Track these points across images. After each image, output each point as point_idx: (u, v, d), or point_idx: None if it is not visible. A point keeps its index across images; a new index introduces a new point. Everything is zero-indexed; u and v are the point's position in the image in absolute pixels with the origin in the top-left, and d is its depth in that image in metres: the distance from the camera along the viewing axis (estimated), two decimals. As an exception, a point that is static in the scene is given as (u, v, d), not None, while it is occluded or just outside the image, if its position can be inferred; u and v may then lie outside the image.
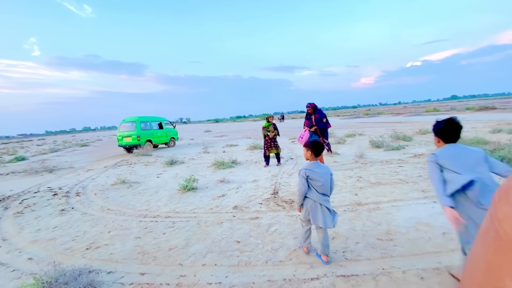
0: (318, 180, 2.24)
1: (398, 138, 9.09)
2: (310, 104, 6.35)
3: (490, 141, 6.46)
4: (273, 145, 6.72)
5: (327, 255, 2.31)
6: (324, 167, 2.36)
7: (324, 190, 2.26)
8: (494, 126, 10.43)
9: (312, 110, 6.31)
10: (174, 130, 15.63)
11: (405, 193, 3.90)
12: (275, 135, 6.72)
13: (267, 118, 6.85)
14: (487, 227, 0.48)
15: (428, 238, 2.57)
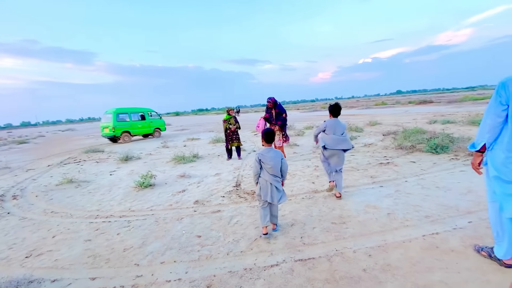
0: (268, 163, 2.55)
1: (351, 129, 9.77)
2: (271, 99, 6.36)
3: (427, 130, 7.31)
4: (234, 138, 6.69)
5: (274, 224, 2.76)
6: (276, 152, 2.64)
7: (274, 172, 2.57)
8: (431, 117, 11.84)
9: (273, 105, 6.36)
10: (161, 121, 15.69)
11: (356, 180, 4.23)
12: (236, 128, 6.69)
13: (228, 110, 6.78)
14: None
15: (375, 219, 2.83)
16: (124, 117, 13.59)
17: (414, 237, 2.39)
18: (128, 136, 13.65)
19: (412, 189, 3.60)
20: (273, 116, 6.20)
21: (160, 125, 15.66)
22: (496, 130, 1.78)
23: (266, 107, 6.36)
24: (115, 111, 13.19)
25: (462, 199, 3.13)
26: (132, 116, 14.01)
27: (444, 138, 5.76)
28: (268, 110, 6.28)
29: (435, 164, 4.74)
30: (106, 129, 13.12)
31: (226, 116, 6.76)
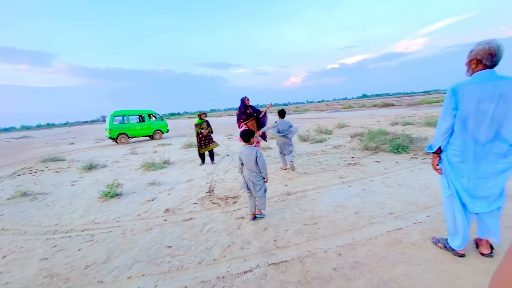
0: (243, 159, 3.04)
1: (321, 132, 10.13)
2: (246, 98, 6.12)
3: (390, 132, 7.82)
4: (207, 142, 6.59)
5: (260, 210, 3.16)
6: (251, 149, 3.01)
7: (250, 168, 3.00)
8: (393, 119, 12.69)
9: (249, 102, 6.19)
10: (162, 123, 15.58)
11: (327, 180, 4.37)
12: (208, 132, 6.58)
13: (200, 114, 6.65)
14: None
15: (344, 218, 2.94)
16: (121, 119, 13.97)
17: (380, 234, 2.53)
18: (125, 138, 13.85)
19: (377, 188, 3.81)
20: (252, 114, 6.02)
21: (162, 127, 15.49)
22: (448, 133, 1.95)
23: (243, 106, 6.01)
24: (112, 114, 13.66)
25: (421, 195, 3.38)
26: (130, 118, 14.32)
27: (404, 138, 6.20)
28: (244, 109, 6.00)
29: (397, 163, 5.08)
30: (107, 131, 13.68)
31: (197, 120, 6.62)
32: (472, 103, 1.79)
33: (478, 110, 1.78)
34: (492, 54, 1.73)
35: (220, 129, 18.09)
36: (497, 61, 1.74)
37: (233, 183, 4.71)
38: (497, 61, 1.74)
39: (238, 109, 6.11)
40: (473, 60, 1.82)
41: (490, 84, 1.74)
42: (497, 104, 1.72)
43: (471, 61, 1.84)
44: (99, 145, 14.34)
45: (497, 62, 1.74)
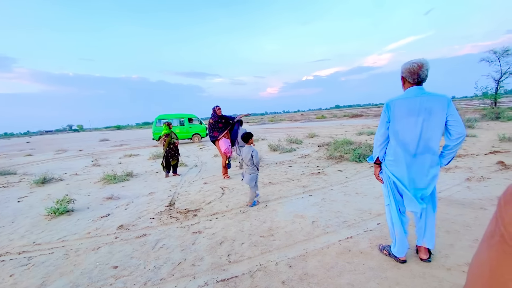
0: (242, 156, 3.90)
1: (292, 141, 10.33)
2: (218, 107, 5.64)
3: (355, 141, 8.19)
4: (177, 153, 6.42)
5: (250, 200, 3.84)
6: (249, 148, 3.80)
7: (246, 162, 3.79)
8: (360, 129, 13.35)
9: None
10: (201, 127, 16.17)
11: (290, 190, 4.41)
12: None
13: (168, 124, 6.44)
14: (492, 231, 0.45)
15: (301, 228, 2.96)
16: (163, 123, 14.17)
17: (332, 243, 2.57)
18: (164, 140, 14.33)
19: (336, 196, 3.91)
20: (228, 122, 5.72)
21: (200, 131, 16.08)
22: (384, 144, 2.07)
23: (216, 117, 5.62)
24: (156, 118, 14.99)
25: (375, 203, 3.52)
26: (172, 122, 15.30)
27: (366, 148, 6.51)
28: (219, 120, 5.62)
29: (358, 171, 5.29)
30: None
31: (166, 130, 6.40)
32: (402, 116, 1.92)
33: (407, 124, 1.91)
34: (413, 73, 1.88)
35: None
36: (421, 78, 1.89)
37: (197, 196, 4.58)
38: (421, 78, 1.89)
39: (209, 121, 5.73)
40: (402, 78, 1.98)
41: (418, 99, 1.88)
42: (424, 118, 1.86)
43: (401, 78, 2.00)
44: (60, 156, 13.34)
45: (421, 79, 1.89)
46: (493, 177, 4.25)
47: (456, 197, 3.52)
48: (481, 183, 4.00)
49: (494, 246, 0.43)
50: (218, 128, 5.63)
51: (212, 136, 5.70)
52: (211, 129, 5.68)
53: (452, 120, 1.85)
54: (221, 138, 5.59)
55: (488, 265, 0.44)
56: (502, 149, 6.10)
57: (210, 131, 5.71)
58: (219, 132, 5.62)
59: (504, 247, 0.41)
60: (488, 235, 0.45)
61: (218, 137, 5.61)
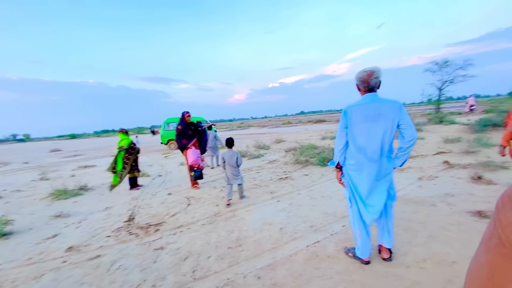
0: (226, 159, 4.13)
1: (260, 147, 10.38)
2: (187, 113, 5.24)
3: (319, 146, 8.49)
4: (137, 165, 5.95)
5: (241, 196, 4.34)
6: (233, 152, 4.14)
7: (231, 164, 4.11)
8: (323, 134, 13.93)
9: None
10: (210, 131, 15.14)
11: (258, 197, 4.37)
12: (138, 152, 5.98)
13: (126, 131, 5.93)
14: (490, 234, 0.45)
15: (269, 236, 2.91)
16: (172, 126, 14.39)
17: (300, 249, 2.56)
18: (174, 144, 14.23)
19: (303, 201, 3.96)
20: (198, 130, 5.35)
21: None
22: (344, 149, 2.14)
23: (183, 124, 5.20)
24: (165, 121, 14.62)
25: (339, 205, 3.63)
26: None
27: (329, 152, 6.77)
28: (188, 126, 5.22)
29: (323, 175, 5.45)
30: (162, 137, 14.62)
31: (128, 139, 5.80)
32: (358, 122, 2.00)
33: (363, 129, 1.99)
34: (363, 81, 2.00)
35: (156, 147, 16.96)
36: (371, 86, 1.99)
37: (160, 208, 4.30)
38: (371, 86, 1.99)
39: (177, 128, 5.26)
40: (357, 86, 2.09)
41: (372, 105, 1.98)
42: (378, 123, 1.96)
43: (356, 86, 2.10)
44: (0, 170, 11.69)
45: (371, 86, 2.00)
46: (441, 175, 4.68)
47: (411, 196, 3.79)
48: (431, 182, 4.38)
49: (492, 248, 0.43)
50: (188, 136, 5.22)
51: (181, 144, 5.25)
52: (180, 137, 5.23)
53: (404, 124, 1.96)
54: (191, 148, 5.16)
55: (486, 267, 0.44)
56: (446, 149, 6.80)
57: (179, 139, 5.25)
58: (188, 140, 5.20)
59: (502, 249, 0.41)
60: (486, 238, 0.46)
61: (188, 145, 5.20)
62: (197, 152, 5.16)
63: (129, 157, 5.73)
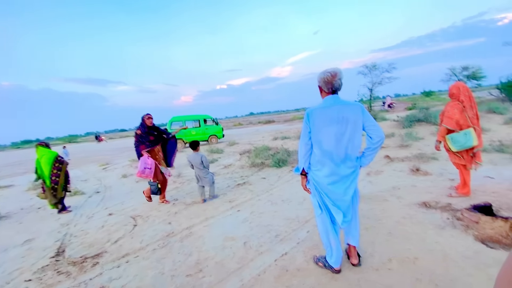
0: (192, 162, 4.32)
1: (213, 151, 9.96)
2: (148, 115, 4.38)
3: (272, 147, 8.53)
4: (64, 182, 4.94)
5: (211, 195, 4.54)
6: (197, 155, 4.35)
7: (198, 166, 4.32)
8: (274, 135, 14.18)
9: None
10: (217, 127, 15.64)
11: (216, 208, 4.04)
12: None
13: (44, 144, 4.86)
14: None
15: (233, 254, 2.64)
16: (178, 125, 14.28)
17: (268, 265, 2.35)
18: (182, 143, 13.87)
19: (264, 208, 3.79)
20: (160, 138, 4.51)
21: (217, 132, 15.57)
22: (309, 154, 2.01)
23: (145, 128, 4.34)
24: (170, 120, 14.24)
25: (300, 209, 3.57)
26: (187, 123, 14.65)
27: (283, 152, 6.81)
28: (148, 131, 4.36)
29: (280, 177, 5.41)
30: None
31: (53, 153, 4.79)
32: (322, 125, 1.91)
33: (329, 132, 1.90)
34: (327, 82, 1.92)
35: (92, 157, 14.99)
36: (335, 87, 1.92)
37: (99, 234, 3.61)
38: (335, 87, 1.92)
39: (135, 133, 4.42)
40: (319, 88, 2.00)
41: (335, 108, 1.90)
42: (343, 126, 1.88)
43: (319, 88, 2.00)
44: None
45: (335, 88, 1.93)
46: (385, 169, 5.08)
47: (364, 192, 3.96)
48: (378, 176, 4.69)
49: None
50: (149, 142, 4.33)
51: (138, 152, 4.37)
52: (138, 142, 4.36)
53: (370, 125, 1.93)
54: (144, 155, 4.26)
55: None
56: (385, 145, 7.50)
57: (137, 145, 4.38)
58: (148, 146, 4.31)
59: None
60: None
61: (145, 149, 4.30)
62: (146, 162, 4.21)
63: (59, 173, 4.77)
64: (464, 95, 3.25)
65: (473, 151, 3.23)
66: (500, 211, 2.74)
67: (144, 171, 4.17)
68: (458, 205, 3.03)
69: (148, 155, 4.28)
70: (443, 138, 3.35)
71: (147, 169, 4.21)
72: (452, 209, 2.96)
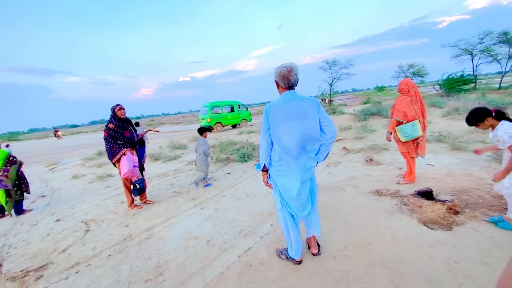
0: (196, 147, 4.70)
1: (175, 147, 9.57)
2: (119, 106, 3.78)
3: (238, 141, 8.47)
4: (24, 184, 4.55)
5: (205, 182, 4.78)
6: (202, 140, 4.68)
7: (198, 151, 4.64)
8: (240, 129, 14.13)
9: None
10: (247, 112, 17.80)
11: (178, 206, 3.89)
12: None
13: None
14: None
15: (195, 253, 2.56)
16: (217, 109, 15.83)
17: (232, 262, 2.33)
18: (221, 126, 15.71)
19: (228, 203, 3.75)
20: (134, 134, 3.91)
21: (247, 116, 17.63)
22: (269, 151, 2.01)
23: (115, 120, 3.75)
24: (210, 104, 15.55)
25: (264, 203, 3.61)
26: (224, 108, 16.25)
27: (248, 147, 6.82)
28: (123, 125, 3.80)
29: (245, 172, 5.40)
30: (204, 120, 15.44)
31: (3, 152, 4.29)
32: (281, 121, 1.91)
33: (287, 128, 1.91)
34: (284, 77, 1.92)
35: (37, 157, 13.41)
36: (291, 83, 1.94)
37: (44, 243, 3.23)
38: (291, 83, 1.94)
39: (107, 127, 3.73)
40: (276, 83, 1.99)
41: (293, 103, 1.92)
42: (301, 121, 1.91)
43: (275, 83, 2.00)
44: None
45: (291, 83, 1.94)
46: (343, 160, 5.38)
47: (324, 183, 4.15)
48: (337, 167, 4.95)
49: None
50: (123, 138, 3.72)
51: (111, 151, 3.74)
52: (112, 139, 3.70)
53: (325, 121, 1.99)
54: (125, 153, 3.72)
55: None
56: (342, 137, 7.93)
57: (109, 143, 3.72)
58: (122, 146, 3.72)
59: None
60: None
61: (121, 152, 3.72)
62: (132, 159, 3.74)
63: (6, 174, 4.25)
64: (411, 90, 3.55)
65: (417, 141, 3.56)
66: (439, 195, 3.09)
67: (133, 170, 3.69)
68: (405, 191, 3.34)
69: (131, 152, 3.81)
70: (393, 130, 3.63)
71: (136, 167, 3.75)
72: (400, 196, 3.26)
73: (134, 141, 3.87)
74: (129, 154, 3.75)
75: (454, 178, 3.69)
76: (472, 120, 2.37)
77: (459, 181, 3.53)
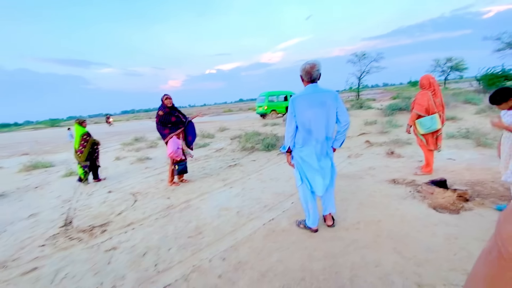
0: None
1: (204, 136, 10.22)
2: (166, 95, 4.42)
3: (262, 132, 8.88)
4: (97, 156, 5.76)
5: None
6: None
7: None
8: (264, 121, 14.50)
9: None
10: None
11: (210, 185, 4.42)
12: None
13: (81, 122, 5.62)
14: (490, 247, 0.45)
15: (227, 220, 3.04)
16: (273, 98, 17.51)
17: (258, 228, 2.78)
18: (276, 113, 17.02)
19: (254, 185, 4.20)
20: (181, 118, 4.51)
21: None
22: (294, 135, 2.39)
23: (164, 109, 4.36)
24: (267, 94, 17.25)
25: (286, 185, 4.00)
26: (278, 97, 17.76)
27: (272, 138, 7.20)
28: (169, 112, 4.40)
29: (269, 160, 5.82)
30: (260, 107, 17.03)
31: (83, 129, 5.52)
32: (304, 110, 2.28)
33: (310, 115, 2.27)
34: (307, 73, 2.27)
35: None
36: (313, 77, 2.28)
37: (102, 208, 3.93)
38: (313, 77, 2.28)
39: (157, 114, 4.40)
40: (301, 77, 2.35)
41: (315, 95, 2.27)
42: (322, 110, 2.26)
43: (300, 77, 2.35)
44: None
45: (313, 78, 2.28)
46: (364, 153, 5.57)
47: (344, 171, 4.43)
48: (357, 159, 5.18)
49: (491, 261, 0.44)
50: (171, 123, 4.39)
51: (162, 133, 4.44)
52: (161, 124, 4.39)
53: (341, 111, 2.32)
54: (172, 137, 4.38)
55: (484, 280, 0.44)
56: (366, 131, 8.02)
57: (160, 127, 4.42)
58: (172, 129, 4.40)
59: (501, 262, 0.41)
60: (486, 252, 0.46)
61: (171, 134, 4.39)
62: (177, 142, 4.39)
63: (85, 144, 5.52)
64: (433, 85, 3.69)
65: (437, 134, 3.71)
66: (453, 186, 3.26)
67: (176, 151, 4.34)
68: (420, 181, 3.54)
69: (177, 136, 4.47)
70: (413, 123, 3.81)
71: (179, 149, 4.40)
72: (415, 184, 3.47)
73: (181, 124, 4.49)
74: (174, 138, 4.41)
75: (472, 171, 3.79)
76: (497, 98, 2.43)
77: (477, 175, 3.64)
